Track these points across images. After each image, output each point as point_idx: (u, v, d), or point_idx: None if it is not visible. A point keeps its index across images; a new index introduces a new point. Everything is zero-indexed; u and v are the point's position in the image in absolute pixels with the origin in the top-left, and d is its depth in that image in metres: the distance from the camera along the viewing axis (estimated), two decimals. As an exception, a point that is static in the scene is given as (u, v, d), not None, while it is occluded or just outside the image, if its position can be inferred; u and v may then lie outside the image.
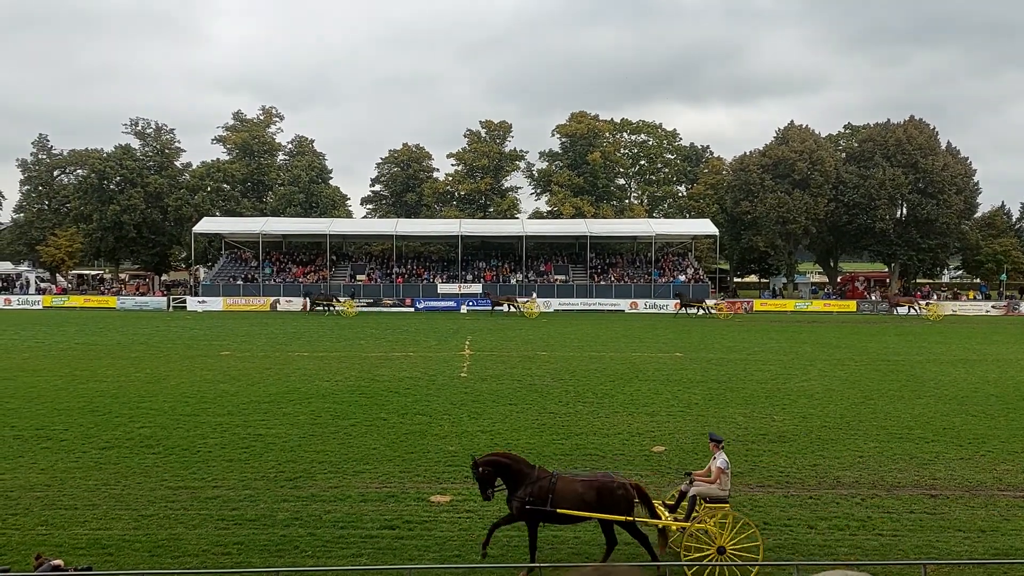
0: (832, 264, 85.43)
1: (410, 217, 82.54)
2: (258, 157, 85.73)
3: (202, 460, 16.21)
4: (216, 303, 64.22)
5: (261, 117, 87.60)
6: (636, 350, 35.77)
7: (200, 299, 65.21)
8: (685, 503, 11.54)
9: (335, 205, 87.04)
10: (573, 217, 78.01)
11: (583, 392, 24.27)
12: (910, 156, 73.04)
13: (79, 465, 15.81)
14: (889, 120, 77.44)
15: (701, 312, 59.20)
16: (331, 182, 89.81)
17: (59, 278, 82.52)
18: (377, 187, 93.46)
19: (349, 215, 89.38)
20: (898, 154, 73.41)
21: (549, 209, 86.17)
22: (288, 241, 76.66)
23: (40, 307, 65.58)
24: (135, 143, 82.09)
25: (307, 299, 61.99)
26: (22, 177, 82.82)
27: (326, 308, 59.83)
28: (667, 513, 11.55)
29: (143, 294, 71.76)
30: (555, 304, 64.65)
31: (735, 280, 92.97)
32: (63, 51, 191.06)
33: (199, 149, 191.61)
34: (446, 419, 20.30)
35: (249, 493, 14.16)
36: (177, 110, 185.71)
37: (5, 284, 74.62)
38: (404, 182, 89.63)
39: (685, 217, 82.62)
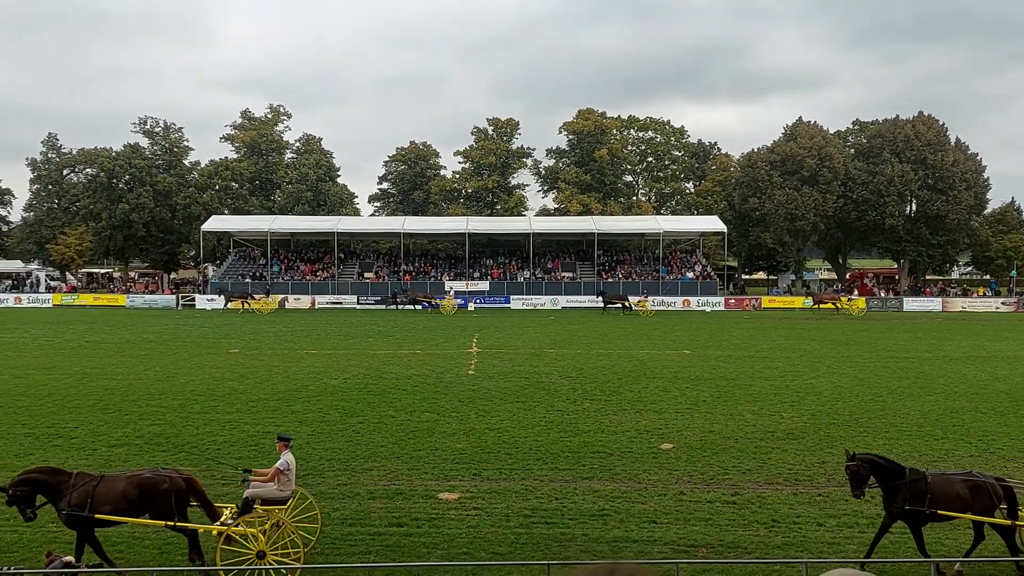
0: (841, 261, 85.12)
1: (417, 215, 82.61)
2: (266, 155, 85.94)
3: (211, 458, 16.28)
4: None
5: (269, 116, 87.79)
6: (644, 347, 35.73)
7: (209, 297, 65.39)
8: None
9: (343, 203, 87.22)
10: (580, 214, 77.93)
11: (591, 390, 24.27)
12: (919, 152, 72.65)
13: (90, 463, 15.88)
14: (898, 116, 77.01)
15: (626, 310, 58.85)
16: (339, 180, 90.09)
17: (69, 276, 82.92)
18: (384, 185, 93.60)
19: (357, 213, 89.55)
20: (907, 150, 73.03)
21: (556, 206, 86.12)
22: (296, 239, 76.82)
23: (50, 305, 65.89)
24: (144, 142, 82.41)
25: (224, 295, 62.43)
26: (32, 176, 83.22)
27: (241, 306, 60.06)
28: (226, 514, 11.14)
29: (152, 292, 72.05)
30: (562, 301, 64.61)
31: (743, 277, 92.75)
32: (72, 51, 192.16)
33: (207, 148, 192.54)
34: (454, 417, 20.33)
35: (258, 490, 14.19)
36: (185, 109, 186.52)
37: (16, 282, 75.03)
38: (411, 180, 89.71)
39: (693, 214, 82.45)
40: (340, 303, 64.67)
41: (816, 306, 61.54)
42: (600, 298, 60.14)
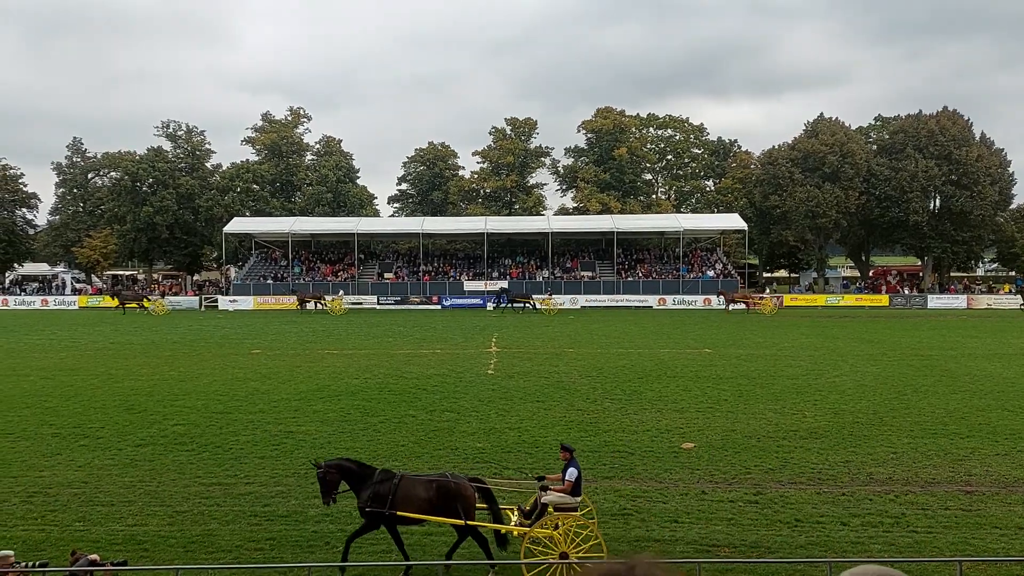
0: (864, 258, 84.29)
1: (436, 215, 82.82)
2: (286, 157, 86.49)
3: (234, 457, 16.42)
4: (247, 302, 64.98)
5: (289, 118, 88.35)
6: (664, 346, 35.59)
7: (231, 298, 66.02)
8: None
9: (362, 204, 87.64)
10: (600, 213, 77.76)
11: (611, 389, 24.21)
12: (943, 147, 71.78)
13: (115, 462, 16.09)
14: (921, 111, 76.10)
15: (528, 308, 59.07)
16: (358, 181, 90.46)
17: (94, 279, 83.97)
18: (403, 186, 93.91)
19: (376, 214, 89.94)
20: (931, 145, 72.18)
21: (575, 205, 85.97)
22: (317, 240, 77.28)
23: (76, 307, 66.81)
24: (167, 145, 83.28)
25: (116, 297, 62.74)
26: (57, 180, 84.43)
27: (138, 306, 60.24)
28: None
29: (176, 294, 72.79)
30: (582, 301, 64.51)
31: (764, 275, 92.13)
32: (96, 56, 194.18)
33: (229, 150, 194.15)
34: (474, 416, 20.36)
35: (280, 490, 14.32)
36: (207, 112, 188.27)
37: (42, 285, 76.09)
38: (430, 180, 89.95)
39: (713, 212, 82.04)
40: (360, 303, 64.99)
41: (728, 306, 59.53)
42: (503, 296, 60.80)
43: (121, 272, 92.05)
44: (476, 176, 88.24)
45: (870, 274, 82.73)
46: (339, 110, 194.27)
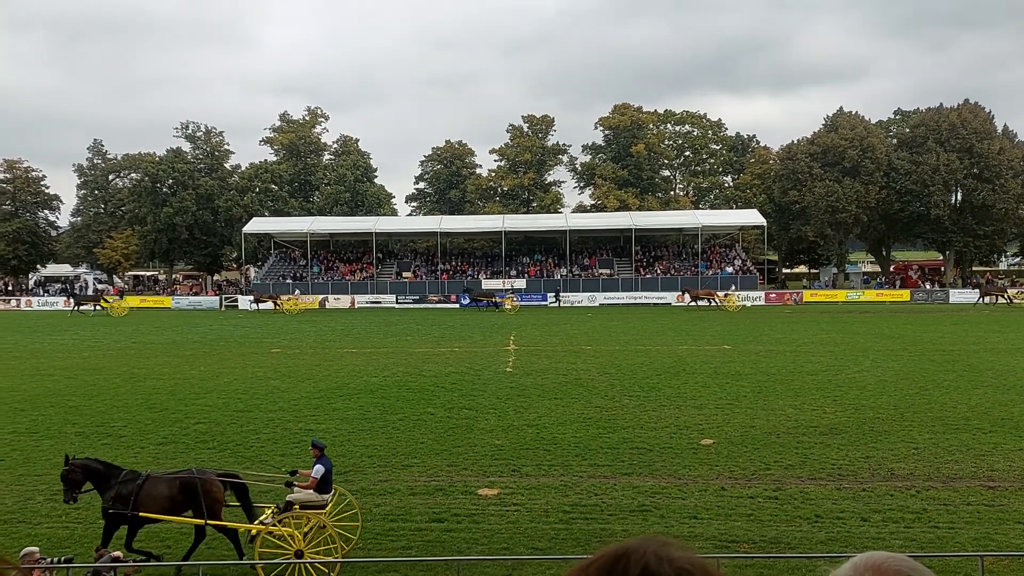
0: (884, 253, 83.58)
1: (454, 214, 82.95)
2: (304, 157, 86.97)
3: (255, 455, 16.56)
4: (266, 302, 65.32)
5: (307, 118, 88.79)
6: (683, 343, 35.48)
7: (251, 298, 66.43)
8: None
9: (380, 203, 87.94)
10: (617, 210, 77.58)
11: (629, 386, 24.17)
12: (964, 140, 70.98)
13: (138, 460, 16.25)
14: (942, 104, 75.37)
15: (490, 306, 60.06)
16: (376, 180, 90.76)
17: (116, 279, 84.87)
18: (421, 184, 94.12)
19: (394, 213, 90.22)
20: (952, 139, 71.40)
21: (593, 203, 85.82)
22: (335, 240, 77.67)
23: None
24: (186, 146, 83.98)
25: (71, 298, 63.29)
26: (79, 182, 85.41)
27: (95, 306, 60.85)
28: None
29: (196, 294, 73.44)
30: (600, 298, 64.43)
31: (784, 271, 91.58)
32: (119, 61, 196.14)
33: (249, 151, 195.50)
34: (492, 413, 20.41)
35: (300, 487, 14.40)
36: (226, 113, 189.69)
37: (65, 286, 76.97)
38: (447, 179, 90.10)
39: (732, 208, 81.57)
40: (379, 302, 65.27)
41: (693, 302, 59.46)
42: (466, 295, 62.76)
43: (142, 272, 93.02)
44: (493, 174, 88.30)
45: (891, 269, 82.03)
46: (357, 109, 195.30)
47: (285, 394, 23.34)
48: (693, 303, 59.30)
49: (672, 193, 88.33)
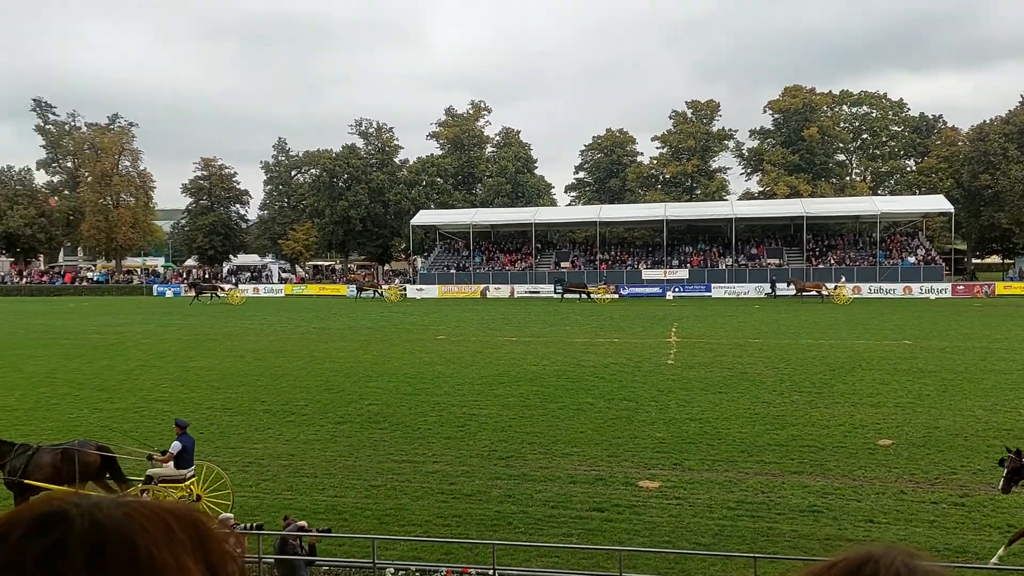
0: (1094, 241, 75.06)
1: (614, 203, 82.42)
2: (468, 150, 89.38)
3: (422, 437, 17.27)
4: (432, 290, 67.92)
5: (470, 112, 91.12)
6: (859, 337, 33.51)
7: (418, 287, 69.27)
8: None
9: (540, 194, 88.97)
10: (788, 197, 74.28)
11: (799, 381, 23.14)
12: None
13: (318, 437, 17.40)
14: None
15: (584, 297, 57.90)
16: (536, 171, 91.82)
17: (298, 269, 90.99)
18: (581, 174, 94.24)
19: (553, 203, 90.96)
20: None
21: (761, 189, 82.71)
22: (496, 230, 79.32)
23: (282, 295, 72.67)
24: (359, 143, 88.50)
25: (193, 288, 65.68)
26: (265, 178, 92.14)
27: (213, 295, 62.91)
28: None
29: (369, 282, 77.32)
30: (767, 289, 61.94)
31: (973, 261, 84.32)
32: (300, 63, 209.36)
33: (416, 145, 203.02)
34: (653, 405, 20.17)
35: (465, 469, 14.90)
36: (396, 110, 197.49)
37: (253, 275, 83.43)
38: (607, 168, 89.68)
39: (914, 194, 75.97)
40: (537, 292, 66.03)
41: (799, 295, 55.86)
42: (558, 286, 61.36)
43: (321, 262, 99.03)
44: (655, 162, 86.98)
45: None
46: (518, 102, 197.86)
47: (449, 379, 24.15)
48: (798, 296, 56.39)
49: (847, 179, 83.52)
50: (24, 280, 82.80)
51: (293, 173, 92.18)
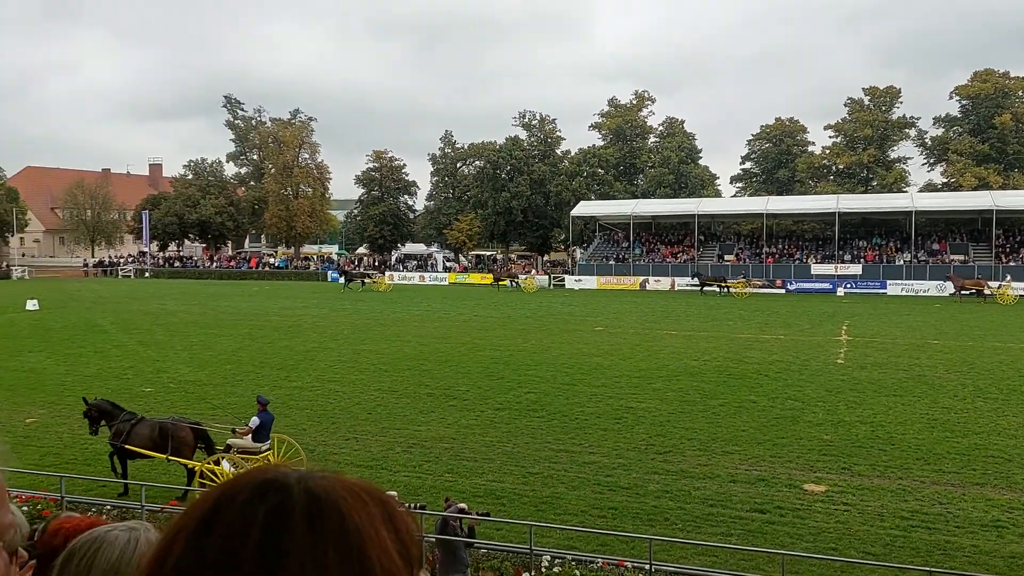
0: None
1: (782, 194, 79.02)
2: (630, 141, 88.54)
3: (579, 427, 17.46)
4: (590, 281, 67.97)
5: (634, 102, 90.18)
6: (1057, 342, 30.50)
7: (576, 278, 69.53)
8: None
9: (703, 185, 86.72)
10: (975, 189, 68.44)
11: (984, 386, 21.42)
12: None
13: (478, 422, 17.99)
14: None
15: (724, 291, 57.40)
16: (700, 162, 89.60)
17: (461, 258, 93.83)
18: (747, 164, 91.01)
19: (718, 194, 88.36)
20: None
21: (944, 181, 76.62)
22: (657, 222, 78.19)
23: (446, 283, 75.19)
24: (522, 134, 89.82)
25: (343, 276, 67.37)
26: (432, 170, 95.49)
27: (361, 282, 64.30)
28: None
29: (527, 273, 78.50)
30: (950, 287, 57.32)
31: None
32: (468, 58, 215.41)
33: (578, 136, 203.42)
34: (820, 406, 19.34)
35: (622, 462, 14.94)
36: (559, 101, 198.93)
37: (420, 263, 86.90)
38: (776, 158, 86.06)
39: None
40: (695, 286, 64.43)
41: (958, 293, 50.96)
42: (696, 279, 60.17)
43: (483, 252, 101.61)
44: (828, 152, 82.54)
45: None
46: (682, 91, 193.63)
47: (607, 371, 24.19)
48: (956, 295, 51.72)
49: (1048, 168, 75.68)
50: (214, 264, 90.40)
51: (458, 165, 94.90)
